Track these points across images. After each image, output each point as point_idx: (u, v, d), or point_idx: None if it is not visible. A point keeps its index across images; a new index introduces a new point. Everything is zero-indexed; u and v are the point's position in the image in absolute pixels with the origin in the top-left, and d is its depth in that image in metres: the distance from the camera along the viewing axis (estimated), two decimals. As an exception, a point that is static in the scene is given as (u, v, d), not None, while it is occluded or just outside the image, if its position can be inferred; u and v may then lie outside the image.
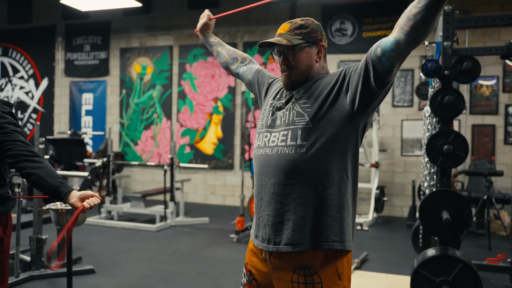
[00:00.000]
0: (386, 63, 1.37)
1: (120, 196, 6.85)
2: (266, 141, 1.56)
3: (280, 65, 1.59)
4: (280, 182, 1.49)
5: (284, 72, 1.58)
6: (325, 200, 1.46)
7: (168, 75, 8.34)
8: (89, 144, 8.88)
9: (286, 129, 1.51)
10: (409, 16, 1.29)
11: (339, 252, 1.47)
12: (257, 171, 1.58)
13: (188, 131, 8.20)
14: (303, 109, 1.50)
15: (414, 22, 1.29)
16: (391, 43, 1.35)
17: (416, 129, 6.90)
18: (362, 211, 7.05)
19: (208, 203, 8.10)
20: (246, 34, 7.89)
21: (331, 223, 1.46)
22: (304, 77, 1.57)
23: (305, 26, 1.56)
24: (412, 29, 1.29)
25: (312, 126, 1.46)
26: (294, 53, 1.54)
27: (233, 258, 4.60)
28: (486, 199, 5.21)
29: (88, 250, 4.79)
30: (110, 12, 8.37)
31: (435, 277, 2.81)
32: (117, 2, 6.82)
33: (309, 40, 1.55)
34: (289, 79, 1.57)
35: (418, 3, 1.27)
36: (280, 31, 1.59)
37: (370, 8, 7.18)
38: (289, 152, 1.48)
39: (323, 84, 1.52)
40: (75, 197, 1.72)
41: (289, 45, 1.53)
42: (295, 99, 1.54)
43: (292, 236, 1.46)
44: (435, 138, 3.10)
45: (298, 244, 1.46)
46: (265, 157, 1.54)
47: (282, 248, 1.48)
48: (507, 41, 3.89)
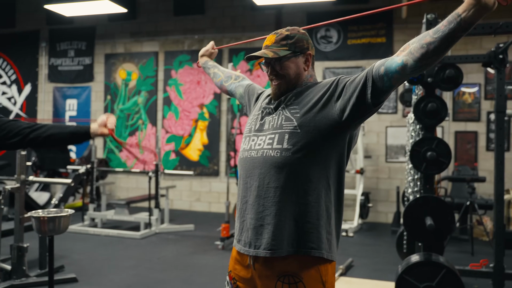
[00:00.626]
0: (387, 83, 1.37)
1: (104, 203, 6.77)
2: (253, 144, 1.57)
3: (269, 75, 1.60)
4: (263, 185, 1.49)
5: (273, 83, 1.59)
6: (305, 206, 1.46)
7: (153, 81, 8.30)
8: (72, 151, 8.77)
9: (274, 132, 1.52)
10: (422, 44, 1.28)
11: (323, 260, 1.47)
12: (242, 174, 1.58)
13: (173, 138, 8.16)
14: (292, 114, 1.51)
15: (426, 51, 1.28)
16: (397, 65, 1.33)
17: (400, 135, 6.97)
18: (347, 217, 7.07)
19: (194, 210, 8.05)
20: (231, 40, 7.90)
21: (309, 230, 1.46)
22: (293, 85, 1.58)
23: (290, 37, 1.57)
24: (423, 57, 1.29)
25: (299, 131, 1.47)
26: (282, 64, 1.55)
27: (218, 265, 4.57)
28: (469, 205, 5.28)
29: (71, 258, 4.71)
30: (95, 18, 8.32)
31: (419, 283, 2.83)
32: (102, 8, 6.79)
33: (296, 50, 1.56)
34: (279, 89, 1.59)
35: (434, 34, 1.27)
36: (266, 43, 1.60)
37: (354, 16, 7.24)
38: (275, 155, 1.48)
39: (314, 91, 1.53)
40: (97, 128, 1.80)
41: (276, 57, 1.54)
42: (285, 104, 1.55)
43: (271, 241, 1.46)
44: (419, 145, 3.13)
45: (276, 249, 1.45)
46: (250, 160, 1.55)
47: (260, 253, 1.48)
48: (489, 49, 3.96)
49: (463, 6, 1.23)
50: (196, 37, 8.03)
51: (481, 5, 1.20)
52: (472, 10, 1.21)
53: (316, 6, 7.29)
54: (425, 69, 1.33)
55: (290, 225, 1.46)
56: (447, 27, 1.25)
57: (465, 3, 1.23)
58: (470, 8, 1.22)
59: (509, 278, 3.78)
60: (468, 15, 1.22)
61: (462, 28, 1.24)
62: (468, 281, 3.99)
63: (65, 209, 2.68)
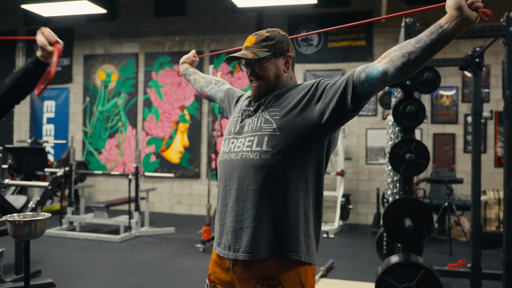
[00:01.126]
0: (367, 89, 1.37)
1: (82, 206, 6.67)
2: (232, 146, 1.56)
3: (248, 77, 1.60)
4: (243, 187, 1.48)
5: (253, 84, 1.59)
6: (284, 209, 1.46)
7: (133, 83, 8.22)
8: (50, 153, 8.62)
9: (253, 135, 1.51)
10: (404, 53, 1.29)
11: (302, 262, 1.47)
12: (222, 177, 1.57)
13: (154, 140, 8.09)
14: (272, 116, 1.50)
15: (407, 60, 1.29)
16: (378, 73, 1.34)
17: (380, 137, 7.04)
18: (328, 219, 7.11)
19: (174, 212, 7.99)
20: (213, 42, 7.88)
21: (288, 233, 1.45)
22: (272, 87, 1.58)
23: (271, 38, 1.57)
24: (403, 66, 1.30)
25: (278, 133, 1.47)
26: (261, 65, 1.55)
27: (199, 268, 4.54)
28: (447, 206, 5.37)
29: (48, 263, 4.63)
30: (73, 18, 8.20)
31: (398, 284, 2.85)
32: (81, 8, 6.70)
33: (276, 52, 1.56)
34: (258, 91, 1.59)
35: (416, 43, 1.28)
36: (246, 44, 1.60)
37: (335, 19, 7.31)
38: (254, 157, 1.47)
39: (294, 94, 1.53)
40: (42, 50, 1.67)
41: (255, 58, 1.54)
42: (264, 107, 1.55)
43: (250, 244, 1.45)
44: (398, 147, 3.16)
45: (255, 252, 1.45)
46: (229, 163, 1.54)
47: (239, 256, 1.47)
48: (466, 53, 4.03)
49: (446, 18, 1.25)
50: (177, 38, 7.99)
51: (463, 18, 1.22)
52: (454, 22, 1.23)
53: (297, 9, 7.32)
54: (406, 77, 1.35)
55: (268, 228, 1.46)
56: (428, 38, 1.26)
57: (448, 15, 1.25)
58: (452, 20, 1.23)
59: (486, 278, 3.85)
60: (450, 27, 1.23)
61: (444, 40, 1.25)
62: (447, 281, 4.04)
63: (42, 213, 2.62)
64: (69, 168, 6.35)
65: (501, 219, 5.90)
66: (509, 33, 2.91)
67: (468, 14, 1.22)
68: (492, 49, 6.27)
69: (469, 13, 1.22)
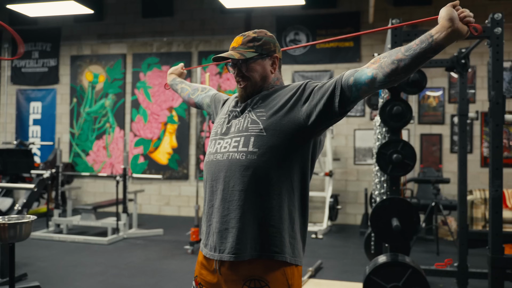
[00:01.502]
0: (355, 94, 1.38)
1: (69, 208, 6.60)
2: (218, 147, 1.55)
3: (235, 77, 1.60)
4: (229, 188, 1.48)
5: (240, 85, 1.59)
6: (269, 210, 1.46)
7: (121, 84, 8.17)
8: (37, 155, 8.53)
9: (239, 135, 1.51)
10: (393, 60, 1.30)
11: (287, 263, 1.47)
12: (208, 177, 1.57)
13: (142, 141, 8.05)
14: (258, 117, 1.51)
15: (396, 67, 1.30)
16: (367, 78, 1.35)
17: (368, 138, 7.08)
18: (316, 220, 7.14)
19: (163, 214, 7.95)
20: (201, 43, 7.86)
21: (272, 234, 1.45)
22: (259, 88, 1.58)
23: (257, 39, 1.57)
24: (392, 73, 1.31)
25: (265, 134, 1.47)
26: (248, 66, 1.55)
27: (187, 270, 4.52)
28: (434, 206, 5.41)
29: (35, 266, 4.57)
30: (60, 19, 8.13)
31: (386, 283, 2.87)
32: (68, 9, 6.64)
33: (262, 52, 1.57)
34: (245, 91, 1.59)
35: (405, 51, 1.29)
36: (233, 45, 1.60)
37: (323, 20, 7.35)
38: (240, 158, 1.47)
39: (281, 95, 1.53)
40: None
41: (242, 58, 1.54)
42: (251, 107, 1.55)
43: (236, 245, 1.45)
44: (385, 147, 3.18)
45: (240, 253, 1.44)
46: (216, 163, 1.53)
47: (225, 257, 1.47)
48: (452, 54, 4.08)
49: (437, 28, 1.26)
50: (165, 39, 7.96)
51: (453, 30, 1.23)
52: (444, 33, 1.24)
53: (285, 10, 7.34)
54: (394, 84, 1.36)
55: (253, 229, 1.46)
56: (418, 46, 1.27)
57: (439, 25, 1.26)
58: (443, 31, 1.24)
59: (473, 277, 3.89)
60: (440, 37, 1.25)
61: (433, 49, 1.26)
62: (434, 280, 4.08)
63: (27, 215, 2.59)
64: (56, 170, 6.29)
65: (487, 219, 5.97)
66: (494, 35, 2.95)
67: (459, 27, 1.23)
68: (478, 51, 6.34)
69: (460, 25, 1.24)
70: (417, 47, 1.27)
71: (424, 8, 6.96)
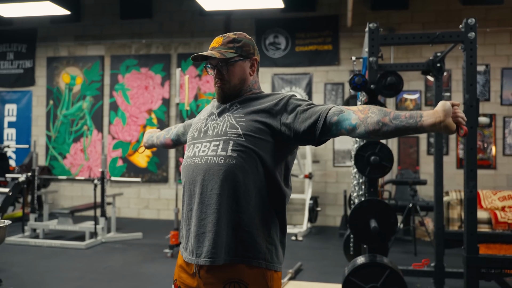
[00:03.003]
0: (334, 131, 1.42)
1: (46, 212, 6.48)
2: (197, 151, 1.55)
3: (214, 78, 1.60)
4: (207, 191, 1.48)
5: (218, 84, 1.58)
6: (244, 215, 1.46)
7: (99, 86, 8.06)
8: (12, 158, 8.35)
9: (218, 139, 1.51)
10: (379, 121, 1.32)
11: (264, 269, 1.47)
12: (186, 181, 1.56)
13: (120, 144, 7.96)
14: (237, 122, 1.50)
15: (378, 129, 1.32)
16: (349, 124, 1.38)
17: (347, 140, 7.15)
18: (296, 222, 7.17)
19: (142, 217, 7.87)
20: (180, 45, 7.83)
21: (246, 239, 1.46)
22: (238, 90, 1.59)
23: (237, 40, 1.58)
24: (373, 132, 1.34)
25: (244, 139, 1.47)
26: (228, 66, 1.56)
27: (167, 273, 4.49)
28: (411, 207, 5.49)
29: (10, 272, 4.47)
30: (36, 19, 7.99)
31: (364, 284, 2.90)
32: (44, 9, 6.52)
33: (242, 54, 1.58)
34: (223, 91, 1.58)
35: (393, 119, 1.31)
36: (213, 45, 1.60)
37: (302, 23, 7.40)
38: (218, 161, 1.47)
39: (262, 103, 1.54)
40: None
41: (223, 58, 1.54)
42: (230, 112, 1.55)
43: (212, 249, 1.44)
44: (363, 150, 3.22)
45: (216, 257, 1.44)
46: (194, 167, 1.53)
47: (201, 261, 1.46)
48: (428, 58, 4.15)
49: (429, 113, 1.27)
50: (144, 41, 7.89)
51: (442, 121, 1.25)
52: (432, 120, 1.26)
53: (264, 13, 7.36)
54: (370, 140, 1.40)
55: (228, 233, 1.46)
56: (406, 120, 1.30)
57: (432, 112, 1.27)
58: (433, 118, 1.26)
59: (449, 276, 3.96)
60: (427, 122, 1.26)
61: (416, 129, 1.29)
62: (411, 280, 4.14)
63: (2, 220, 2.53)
64: (32, 173, 6.17)
65: (462, 219, 6.09)
66: (468, 39, 3.02)
67: (448, 122, 1.25)
68: (453, 54, 6.47)
69: (450, 121, 1.25)
70: (404, 119, 1.30)
71: (400, 12, 7.07)
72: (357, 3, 6.94)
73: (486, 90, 6.94)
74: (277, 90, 7.42)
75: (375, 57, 3.24)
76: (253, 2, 5.97)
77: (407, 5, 7.06)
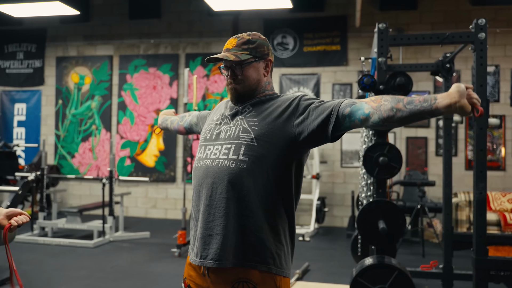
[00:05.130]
0: (347, 124, 1.40)
1: (55, 211, 6.52)
2: (208, 153, 1.54)
3: (228, 79, 1.58)
4: (216, 194, 1.47)
5: (231, 85, 1.57)
6: (254, 220, 1.45)
7: (107, 86, 8.11)
8: (21, 157, 8.41)
9: (230, 143, 1.50)
10: (393, 107, 1.31)
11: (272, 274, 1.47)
12: (196, 182, 1.56)
13: (128, 143, 7.99)
14: (250, 126, 1.49)
15: (393, 115, 1.31)
16: (362, 114, 1.36)
17: (355, 141, 7.13)
18: (303, 222, 7.15)
19: (149, 217, 7.90)
20: (188, 45, 7.85)
21: (256, 244, 1.45)
22: (252, 91, 1.57)
23: (252, 41, 1.57)
24: (387, 119, 1.32)
25: (256, 144, 1.46)
26: (242, 68, 1.54)
27: (174, 273, 4.50)
28: (419, 208, 5.46)
29: (19, 270, 4.47)
30: (45, 19, 8.05)
31: (372, 285, 2.89)
32: (53, 9, 6.57)
33: (257, 55, 1.56)
34: (237, 92, 1.57)
35: (407, 103, 1.29)
36: (227, 46, 1.58)
37: (310, 23, 7.38)
38: (230, 165, 1.46)
39: (274, 105, 1.52)
40: (1, 215, 1.54)
41: (237, 60, 1.53)
42: (243, 115, 1.53)
43: (219, 251, 1.44)
44: (371, 150, 3.20)
45: (223, 260, 1.44)
46: (205, 169, 1.52)
47: (207, 263, 1.46)
48: (437, 58, 4.13)
49: (444, 94, 1.26)
50: (152, 41, 7.92)
51: (457, 102, 1.23)
52: (447, 101, 1.24)
53: (273, 13, 7.36)
54: (385, 128, 1.38)
55: (237, 238, 1.45)
56: (420, 104, 1.28)
57: (447, 93, 1.26)
58: (448, 99, 1.24)
59: (458, 278, 3.94)
60: (442, 104, 1.24)
61: (431, 111, 1.27)
62: (420, 282, 4.12)
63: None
64: (41, 172, 6.21)
65: (471, 221, 6.04)
66: (478, 40, 3.00)
67: (463, 102, 1.23)
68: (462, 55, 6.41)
69: (465, 102, 1.23)
70: (419, 103, 1.28)
71: (409, 12, 7.04)
72: (366, 4, 6.91)
73: (495, 91, 6.89)
74: (284, 91, 7.41)
75: (384, 58, 3.23)
76: (261, 2, 5.97)
77: (415, 6, 7.03)
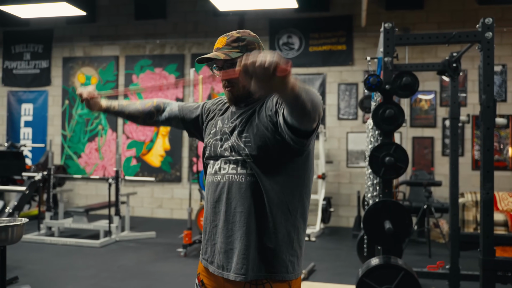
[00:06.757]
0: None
1: (61, 211, 6.56)
2: (217, 168, 1.54)
3: (222, 81, 1.57)
4: (231, 209, 1.49)
5: (227, 88, 1.56)
6: (268, 231, 1.46)
7: (114, 86, 8.14)
8: (28, 157, 8.46)
9: (235, 159, 1.50)
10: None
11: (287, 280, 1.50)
12: (210, 198, 1.56)
13: (134, 143, 8.02)
14: (245, 143, 1.48)
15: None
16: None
17: (360, 141, 7.11)
18: (309, 222, 7.14)
19: (155, 216, 7.92)
20: (194, 46, 7.86)
21: (271, 256, 1.46)
22: (248, 90, 1.54)
23: (241, 39, 1.55)
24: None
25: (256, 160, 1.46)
26: (234, 67, 1.52)
27: (180, 273, 4.51)
28: (426, 208, 5.44)
29: (26, 269, 4.53)
30: (52, 20, 8.09)
31: (378, 286, 2.88)
32: (60, 10, 6.60)
33: (247, 52, 1.55)
34: (233, 94, 1.56)
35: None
36: (217, 45, 1.57)
37: (316, 23, 7.37)
38: (240, 180, 1.48)
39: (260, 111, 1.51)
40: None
41: (228, 59, 1.52)
42: (237, 132, 1.52)
43: (242, 265, 1.45)
44: (378, 150, 3.20)
45: (243, 274, 1.46)
46: (216, 184, 1.53)
47: (231, 276, 1.48)
48: (443, 58, 4.11)
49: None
50: (158, 41, 7.94)
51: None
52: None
53: (278, 13, 7.36)
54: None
55: (253, 251, 1.46)
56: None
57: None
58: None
59: (465, 279, 3.92)
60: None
61: None
62: (426, 282, 4.10)
63: (19, 218, 2.58)
64: (48, 172, 6.25)
65: (478, 221, 6.01)
66: (485, 39, 2.98)
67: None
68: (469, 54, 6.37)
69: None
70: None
71: (415, 12, 7.01)
72: (372, 3, 6.89)
73: (502, 91, 6.84)
74: (290, 90, 7.40)
75: (390, 57, 3.22)
76: (267, 2, 5.97)
77: (422, 5, 7.00)
